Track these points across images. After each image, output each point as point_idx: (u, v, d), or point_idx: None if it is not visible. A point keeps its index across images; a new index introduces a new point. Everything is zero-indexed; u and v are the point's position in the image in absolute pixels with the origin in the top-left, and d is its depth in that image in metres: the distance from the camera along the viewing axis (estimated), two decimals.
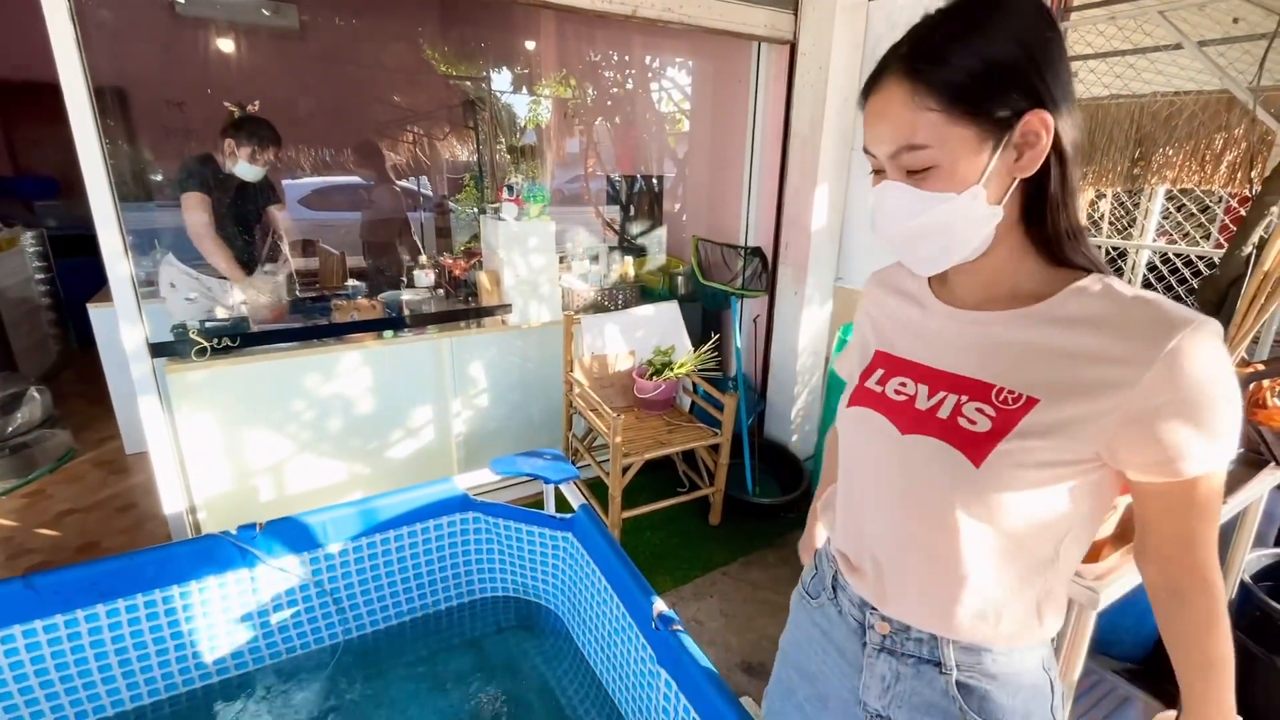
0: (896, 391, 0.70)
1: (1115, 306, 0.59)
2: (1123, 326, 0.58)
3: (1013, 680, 0.68)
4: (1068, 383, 0.59)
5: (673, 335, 2.74)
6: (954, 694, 0.68)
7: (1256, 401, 1.98)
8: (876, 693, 0.74)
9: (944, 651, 0.69)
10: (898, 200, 0.62)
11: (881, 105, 0.61)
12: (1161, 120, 2.68)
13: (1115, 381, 0.57)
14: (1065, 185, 0.61)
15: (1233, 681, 0.64)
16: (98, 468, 2.92)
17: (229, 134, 2.30)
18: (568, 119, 4.96)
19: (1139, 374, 0.56)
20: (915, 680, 0.71)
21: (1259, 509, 1.38)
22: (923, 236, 0.63)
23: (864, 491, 0.73)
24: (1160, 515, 0.62)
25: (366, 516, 1.63)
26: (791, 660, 0.88)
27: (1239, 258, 2.01)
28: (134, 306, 1.78)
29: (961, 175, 0.59)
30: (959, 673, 0.68)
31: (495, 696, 1.57)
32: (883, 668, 0.73)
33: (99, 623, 1.39)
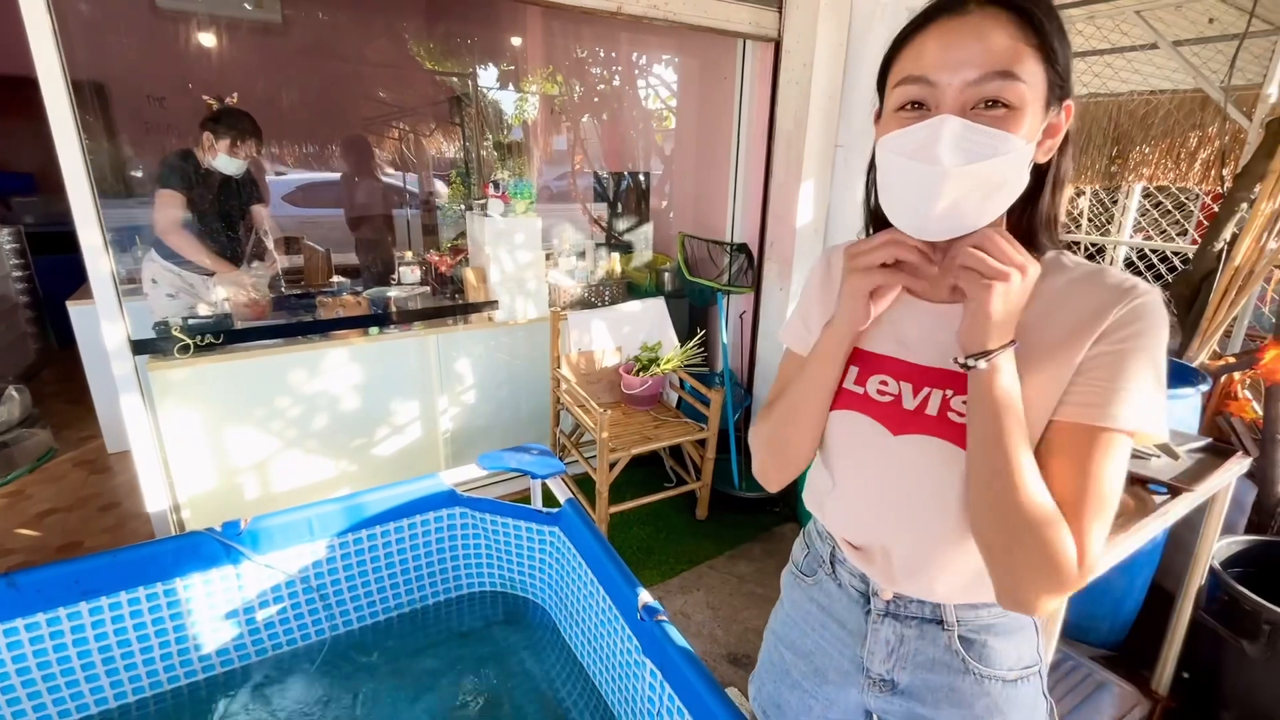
0: (879, 391, 0.70)
1: (1078, 277, 0.63)
2: (1089, 293, 0.61)
3: (1004, 628, 0.73)
4: (1044, 354, 0.61)
5: (659, 331, 2.76)
6: (956, 648, 0.73)
7: (1228, 393, 2.04)
8: (881, 657, 0.77)
9: (945, 611, 0.73)
10: (966, 134, 0.56)
11: (976, 25, 0.56)
12: (1138, 119, 2.73)
13: (1084, 334, 0.60)
14: (1056, 179, 0.63)
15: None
16: (79, 467, 2.88)
17: (207, 127, 2.28)
18: (554, 115, 4.95)
19: (1104, 320, 0.59)
20: (919, 640, 0.74)
21: (1227, 496, 1.42)
22: (974, 185, 0.57)
23: (863, 491, 0.74)
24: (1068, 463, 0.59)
25: (353, 512, 1.63)
26: (785, 640, 0.89)
27: (1211, 253, 2.06)
28: (115, 303, 1.76)
29: (1030, 127, 0.57)
30: (960, 628, 0.73)
31: (483, 690, 1.57)
32: (887, 632, 0.76)
33: (82, 620, 1.38)
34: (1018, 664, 0.73)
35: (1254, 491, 1.90)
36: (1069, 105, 0.60)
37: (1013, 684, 0.73)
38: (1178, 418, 1.72)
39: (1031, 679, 0.74)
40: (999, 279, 0.57)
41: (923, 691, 0.75)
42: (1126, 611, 1.87)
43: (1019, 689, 0.73)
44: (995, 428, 0.58)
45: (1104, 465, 0.58)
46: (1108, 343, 0.59)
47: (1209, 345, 2.05)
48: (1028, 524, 0.57)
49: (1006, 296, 0.57)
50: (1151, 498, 1.25)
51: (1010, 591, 0.61)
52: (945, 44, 0.57)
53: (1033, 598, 0.60)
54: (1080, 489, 0.58)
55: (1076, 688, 1.58)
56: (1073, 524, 0.58)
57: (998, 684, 0.73)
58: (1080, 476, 0.59)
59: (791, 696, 0.88)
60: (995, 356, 0.58)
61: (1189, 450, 1.44)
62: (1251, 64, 2.42)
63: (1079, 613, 1.86)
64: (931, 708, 0.75)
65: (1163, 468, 1.36)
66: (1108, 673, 1.63)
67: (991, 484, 0.59)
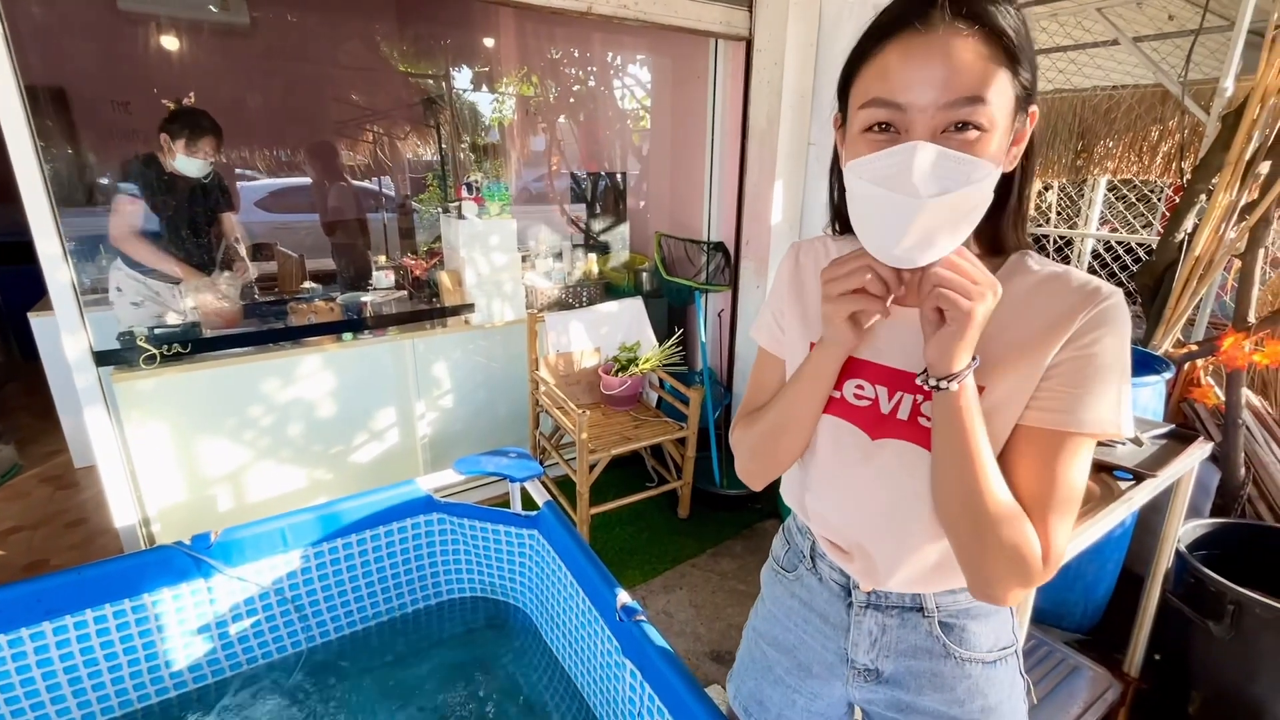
0: (856, 395, 0.70)
1: (1043, 279, 0.63)
2: (1054, 296, 0.62)
3: (981, 610, 0.75)
4: (1011, 358, 0.62)
5: (637, 331, 2.76)
6: (937, 633, 0.75)
7: (1191, 380, 2.09)
8: (865, 648, 0.78)
9: (925, 598, 0.75)
10: (940, 163, 0.53)
11: (944, 45, 0.53)
12: (1101, 113, 2.79)
13: (1051, 339, 0.61)
14: (1021, 183, 0.64)
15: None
16: (44, 483, 2.81)
17: (163, 128, 2.23)
18: (530, 117, 4.92)
19: (1071, 325, 0.60)
20: (901, 629, 0.76)
21: (1191, 480, 1.46)
22: (947, 214, 0.55)
23: (843, 494, 0.74)
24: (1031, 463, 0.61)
25: (327, 521, 1.60)
26: (767, 637, 0.89)
27: (1173, 244, 2.11)
28: (76, 314, 1.72)
29: (999, 146, 0.56)
30: (940, 614, 0.75)
31: (465, 697, 1.56)
32: (870, 623, 0.77)
33: (46, 640, 1.34)
34: (995, 645, 0.76)
35: (1218, 475, 1.95)
36: (1034, 111, 0.60)
37: (992, 665, 0.75)
38: (1143, 405, 1.76)
39: (1009, 659, 0.77)
40: (978, 300, 0.56)
41: (906, 678, 0.77)
42: (1098, 597, 1.91)
43: (998, 670, 0.76)
44: (960, 440, 0.60)
45: (1069, 467, 0.61)
46: (1074, 348, 0.60)
47: (1172, 334, 2.10)
48: (992, 524, 0.59)
49: (985, 315, 0.57)
50: (1117, 484, 1.28)
51: (981, 586, 0.64)
52: (912, 65, 0.54)
53: (1001, 592, 0.62)
54: (1046, 490, 0.61)
55: (1051, 673, 1.60)
56: (1038, 523, 0.60)
57: (978, 666, 0.75)
58: (1046, 478, 0.61)
59: (774, 692, 0.88)
60: (963, 377, 0.59)
61: (1153, 437, 1.47)
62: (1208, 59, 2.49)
63: (1052, 599, 1.89)
64: (915, 694, 0.76)
65: (1128, 454, 1.39)
66: (1081, 657, 1.66)
67: (958, 490, 0.61)
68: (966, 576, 0.65)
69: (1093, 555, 1.81)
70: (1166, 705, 1.64)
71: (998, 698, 0.76)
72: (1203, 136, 2.18)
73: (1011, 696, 0.77)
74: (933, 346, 0.59)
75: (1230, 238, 1.97)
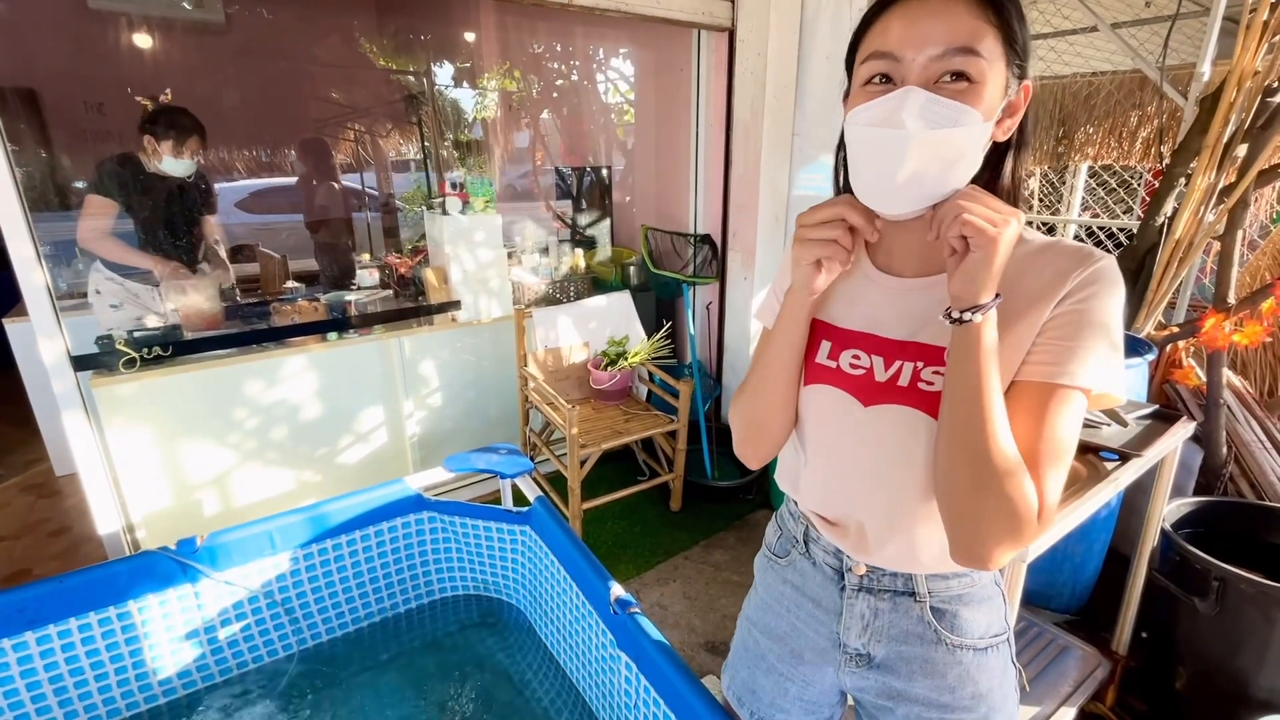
0: (851, 365, 0.71)
1: (1037, 249, 0.65)
2: (1049, 261, 0.63)
3: (973, 597, 0.75)
4: (1008, 322, 0.63)
5: (626, 325, 2.75)
6: (929, 619, 0.75)
7: (1173, 361, 2.12)
8: (857, 631, 0.78)
9: (917, 583, 0.75)
10: (929, 105, 0.58)
11: (940, 5, 0.58)
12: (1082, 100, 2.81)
13: (1046, 299, 0.62)
14: (1016, 155, 0.66)
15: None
16: (25, 492, 2.75)
17: (146, 130, 2.18)
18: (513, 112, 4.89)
19: (1065, 284, 0.61)
20: (893, 613, 0.76)
21: (1175, 460, 1.48)
22: (935, 154, 0.59)
23: (835, 464, 0.75)
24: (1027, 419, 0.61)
25: (316, 523, 1.58)
26: (760, 625, 0.90)
27: (1153, 228, 2.14)
28: (51, 317, 1.68)
29: (989, 103, 0.60)
30: (931, 599, 0.75)
31: (460, 695, 1.55)
32: (862, 606, 0.77)
33: (29, 651, 1.31)
34: (987, 632, 0.76)
35: (1200, 455, 1.98)
36: (1027, 85, 0.63)
37: (983, 652, 0.75)
38: (1126, 386, 1.78)
39: (1001, 647, 0.77)
40: (1003, 225, 0.57)
41: (897, 664, 0.77)
42: (1086, 577, 1.94)
43: (989, 657, 0.76)
44: (978, 379, 0.59)
45: (1060, 419, 0.61)
46: (1067, 304, 0.61)
47: (1154, 316, 2.13)
48: (995, 473, 0.59)
49: (1010, 243, 0.58)
50: (1103, 464, 1.29)
51: (969, 544, 0.62)
52: (910, 21, 0.59)
53: (992, 548, 0.61)
54: (1038, 442, 0.61)
55: (1041, 653, 1.62)
56: (1033, 474, 0.60)
57: (969, 653, 0.75)
58: (1038, 430, 0.61)
59: (766, 680, 0.88)
60: (988, 309, 0.59)
61: (1137, 417, 1.49)
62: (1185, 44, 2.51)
63: (1041, 580, 1.92)
64: (905, 680, 0.76)
65: (1113, 435, 1.40)
66: (1070, 637, 1.68)
67: (967, 434, 0.60)
68: (953, 535, 0.64)
69: (1080, 536, 1.83)
70: (1154, 681, 1.66)
71: (988, 684, 0.76)
72: (1181, 121, 2.21)
73: (1003, 684, 0.77)
74: (958, 278, 0.59)
75: (1209, 220, 1.99)
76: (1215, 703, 1.51)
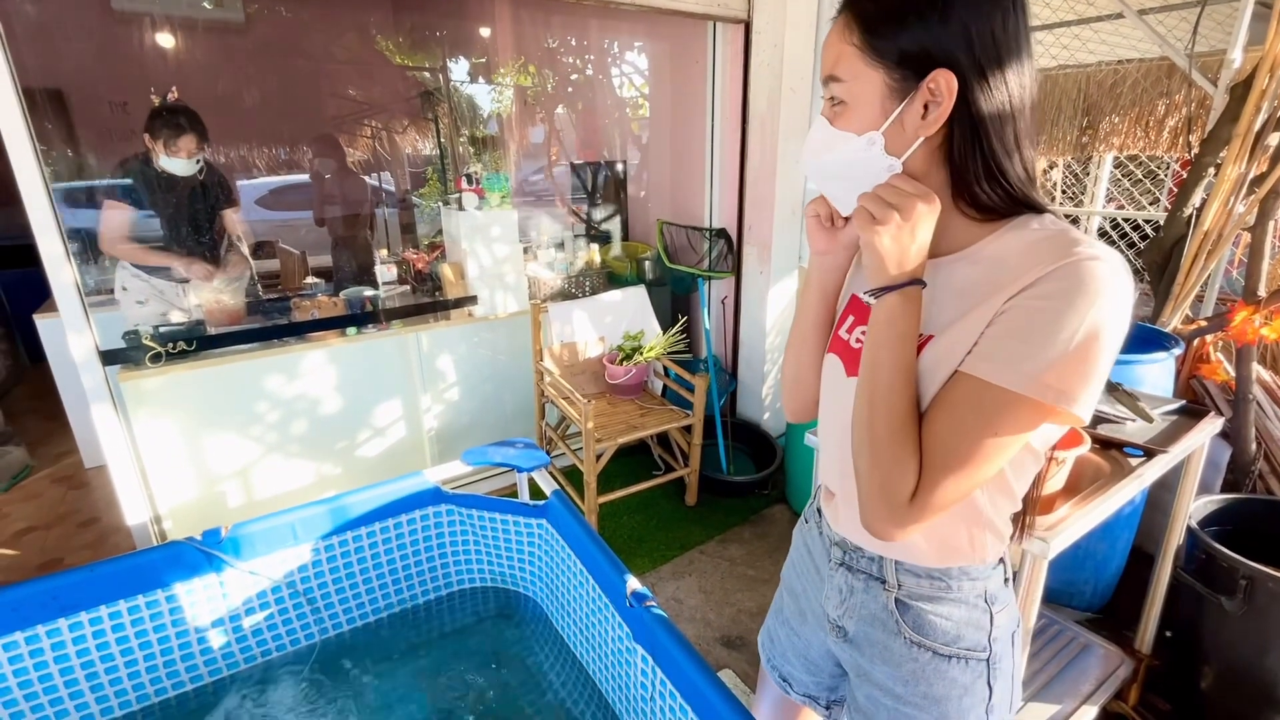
0: (858, 340, 0.72)
1: (1026, 238, 0.60)
2: (1023, 250, 0.59)
3: (948, 603, 0.73)
4: (959, 314, 0.62)
5: (641, 320, 2.75)
6: (892, 608, 0.75)
7: (1200, 356, 2.07)
8: (835, 603, 0.82)
9: (888, 571, 0.76)
10: (816, 132, 0.66)
11: (830, 32, 0.64)
12: (1107, 89, 2.75)
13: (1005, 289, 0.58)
14: (981, 147, 0.60)
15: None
16: (56, 484, 2.83)
17: (146, 127, 2.21)
18: (528, 107, 4.89)
19: (1028, 276, 0.57)
20: (865, 594, 0.78)
21: (1202, 456, 1.45)
22: (831, 175, 0.68)
23: (827, 432, 0.80)
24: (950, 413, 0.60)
25: (336, 514, 1.61)
26: (786, 582, 0.97)
27: (1181, 219, 2.09)
28: (80, 313, 1.72)
29: (865, 118, 0.62)
30: (899, 591, 0.75)
31: (477, 685, 1.57)
32: (840, 581, 0.81)
33: (62, 637, 1.35)
34: (955, 642, 0.72)
35: (1228, 452, 1.94)
36: (944, 74, 0.58)
37: (945, 659, 0.73)
38: (1152, 382, 1.75)
39: (972, 663, 0.73)
40: (879, 222, 0.60)
41: (864, 644, 0.79)
42: (1109, 575, 1.91)
43: (951, 666, 0.73)
44: (871, 354, 0.63)
45: (967, 417, 0.58)
46: (1023, 298, 0.57)
47: (1181, 310, 2.08)
48: (874, 442, 0.62)
49: (894, 236, 0.60)
50: (1127, 461, 1.27)
51: (860, 511, 0.65)
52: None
53: (870, 519, 0.64)
54: (937, 434, 0.60)
55: (1062, 651, 1.60)
56: (924, 466, 0.60)
57: (927, 654, 0.73)
58: (943, 422, 0.60)
59: (781, 632, 0.97)
60: (891, 293, 0.62)
61: (1163, 413, 1.46)
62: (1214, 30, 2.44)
63: (1062, 578, 1.89)
64: (869, 661, 0.79)
65: (1138, 431, 1.38)
66: (1092, 635, 1.66)
67: (859, 401, 0.64)
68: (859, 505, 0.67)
69: (1103, 534, 1.80)
70: (1178, 681, 1.64)
71: (944, 692, 0.73)
72: (1210, 110, 2.15)
73: (965, 699, 0.73)
74: (864, 260, 0.65)
75: (1239, 212, 1.94)
76: (1242, 703, 1.48)
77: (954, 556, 0.71)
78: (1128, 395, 1.46)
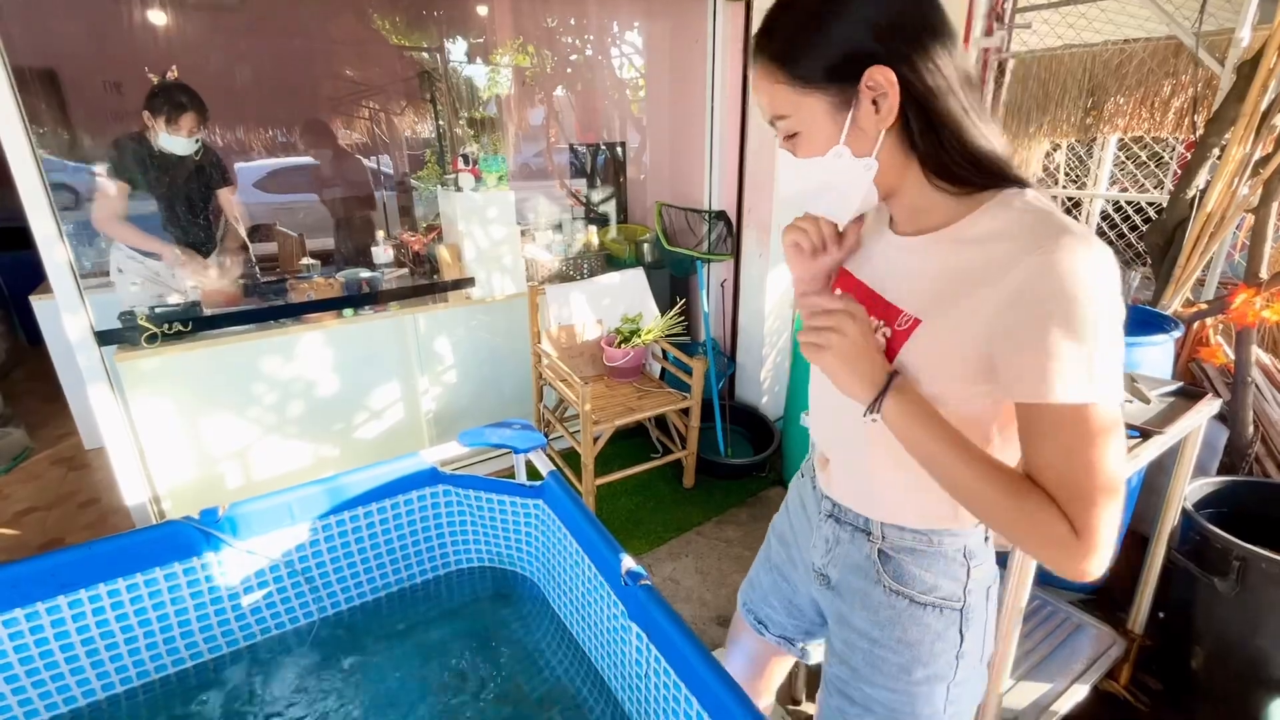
0: None
1: (1010, 219, 0.61)
2: (1008, 234, 0.60)
3: (927, 557, 0.77)
4: (954, 298, 0.62)
5: (640, 302, 2.74)
6: (874, 559, 0.80)
7: (1200, 339, 2.06)
8: (821, 552, 0.88)
9: (874, 525, 0.80)
10: (788, 165, 0.70)
11: (754, 80, 0.68)
12: (1113, 68, 2.70)
13: (995, 285, 0.58)
14: (932, 126, 0.62)
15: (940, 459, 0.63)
16: (56, 465, 2.84)
17: (146, 105, 2.19)
18: (527, 88, 4.83)
19: (1008, 272, 0.57)
20: (850, 545, 0.83)
21: (1198, 438, 1.45)
22: (814, 195, 0.71)
23: (819, 399, 0.85)
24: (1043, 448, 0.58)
25: (334, 494, 1.61)
26: (776, 530, 1.03)
27: (1184, 201, 2.07)
28: (74, 292, 1.72)
29: (822, 138, 0.65)
30: (883, 543, 0.79)
31: (475, 664, 1.58)
32: (828, 531, 0.86)
33: (62, 614, 1.36)
34: (931, 591, 0.77)
35: (1225, 435, 1.94)
36: (878, 70, 0.60)
37: (920, 606, 0.77)
38: (1151, 364, 1.74)
39: (946, 612, 0.77)
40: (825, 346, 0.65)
41: (846, 591, 0.84)
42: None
43: (926, 614, 0.77)
44: (928, 452, 0.63)
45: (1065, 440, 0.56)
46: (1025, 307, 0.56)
47: (1182, 293, 2.07)
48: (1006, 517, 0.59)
49: (842, 354, 0.64)
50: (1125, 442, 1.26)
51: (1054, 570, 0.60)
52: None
53: (1064, 573, 0.58)
54: (1047, 470, 0.58)
55: (1054, 631, 1.62)
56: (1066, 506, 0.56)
57: (904, 601, 0.78)
58: (1049, 454, 0.57)
59: (766, 577, 1.03)
60: (878, 407, 0.64)
61: (1160, 395, 1.46)
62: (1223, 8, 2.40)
63: None
64: (849, 608, 0.84)
65: (1135, 412, 1.37)
66: (1085, 615, 1.67)
67: (965, 496, 0.62)
68: None
69: None
70: (1170, 661, 1.65)
71: (918, 637, 0.77)
72: (1216, 90, 2.12)
73: (939, 645, 0.77)
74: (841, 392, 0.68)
75: (1243, 193, 1.92)
76: (1232, 682, 1.49)
77: (938, 522, 0.76)
78: (1125, 377, 1.45)
